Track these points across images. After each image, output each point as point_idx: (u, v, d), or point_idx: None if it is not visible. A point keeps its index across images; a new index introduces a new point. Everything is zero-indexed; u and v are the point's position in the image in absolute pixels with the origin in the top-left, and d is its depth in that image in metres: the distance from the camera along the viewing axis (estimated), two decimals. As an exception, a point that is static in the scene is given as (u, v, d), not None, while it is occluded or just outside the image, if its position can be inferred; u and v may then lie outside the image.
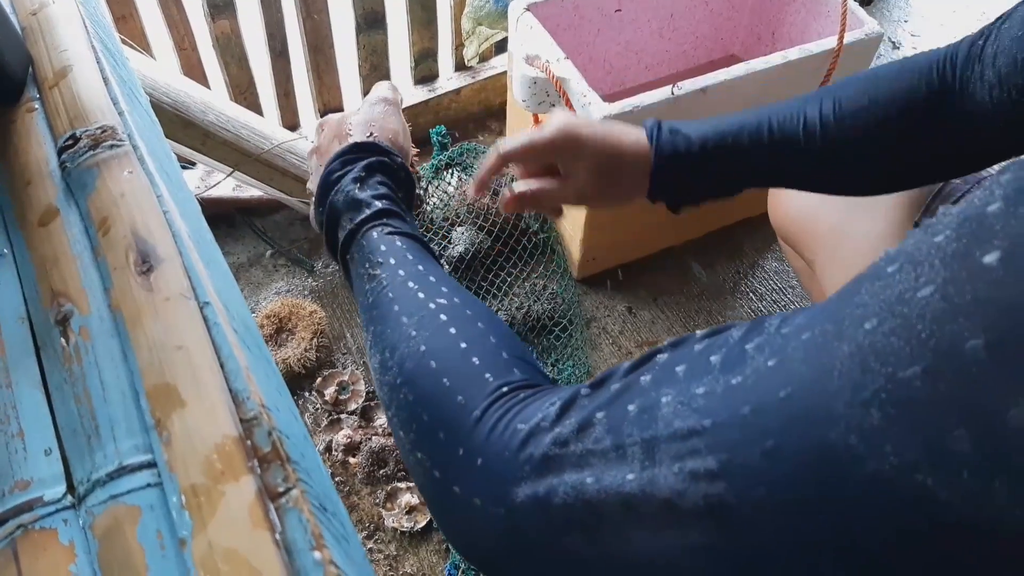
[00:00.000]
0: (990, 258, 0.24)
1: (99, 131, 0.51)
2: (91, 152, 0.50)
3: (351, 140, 0.63)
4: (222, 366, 0.40)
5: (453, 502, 0.42)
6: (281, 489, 0.35)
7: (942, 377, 0.24)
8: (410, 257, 0.53)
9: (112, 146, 0.50)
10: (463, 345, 0.45)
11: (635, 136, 0.69)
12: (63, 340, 0.42)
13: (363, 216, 0.56)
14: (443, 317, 0.48)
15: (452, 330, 0.46)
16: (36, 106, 0.55)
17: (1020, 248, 0.24)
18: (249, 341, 0.46)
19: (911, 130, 0.66)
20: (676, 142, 0.68)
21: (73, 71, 0.56)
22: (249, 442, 0.37)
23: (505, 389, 0.42)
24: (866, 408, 0.26)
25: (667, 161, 0.68)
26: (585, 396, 0.37)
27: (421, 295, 0.50)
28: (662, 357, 0.36)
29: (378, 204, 0.57)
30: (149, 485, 0.36)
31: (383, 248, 0.54)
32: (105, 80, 0.56)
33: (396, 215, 0.57)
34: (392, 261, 0.53)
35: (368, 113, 0.66)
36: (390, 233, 0.55)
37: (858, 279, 0.29)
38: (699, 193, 0.72)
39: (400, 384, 0.46)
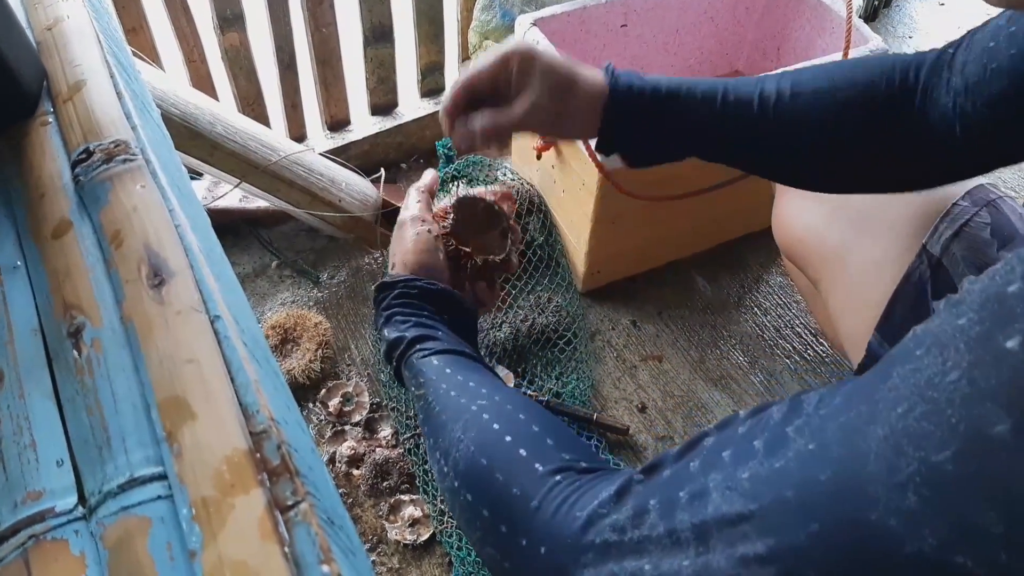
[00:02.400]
0: (1012, 343, 0.25)
1: (112, 145, 0.52)
2: (104, 166, 0.50)
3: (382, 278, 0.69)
4: (232, 380, 0.40)
5: (518, 553, 0.43)
6: (290, 502, 0.36)
7: (972, 460, 0.25)
8: (448, 371, 0.57)
9: (125, 160, 0.51)
10: (508, 439, 0.48)
11: (591, 70, 0.69)
12: (75, 352, 0.43)
13: (399, 352, 0.62)
14: (485, 416, 0.51)
15: (496, 426, 0.49)
16: (50, 120, 0.56)
17: None
18: (258, 355, 0.46)
19: (865, 123, 0.65)
20: (631, 81, 0.68)
21: (87, 85, 0.57)
22: (259, 455, 0.37)
23: (559, 478, 0.44)
24: (903, 491, 0.27)
25: (620, 95, 0.67)
26: (639, 483, 0.39)
27: (463, 400, 0.53)
28: (709, 441, 0.38)
29: (407, 336, 0.62)
30: (160, 497, 0.37)
31: (423, 370, 0.59)
32: (118, 94, 0.57)
33: (428, 338, 0.62)
34: (433, 378, 0.57)
35: (399, 242, 0.71)
36: (425, 356, 0.60)
37: (890, 360, 0.30)
38: (647, 144, 0.71)
39: (458, 488, 0.49)
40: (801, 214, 0.93)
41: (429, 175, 0.79)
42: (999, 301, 0.27)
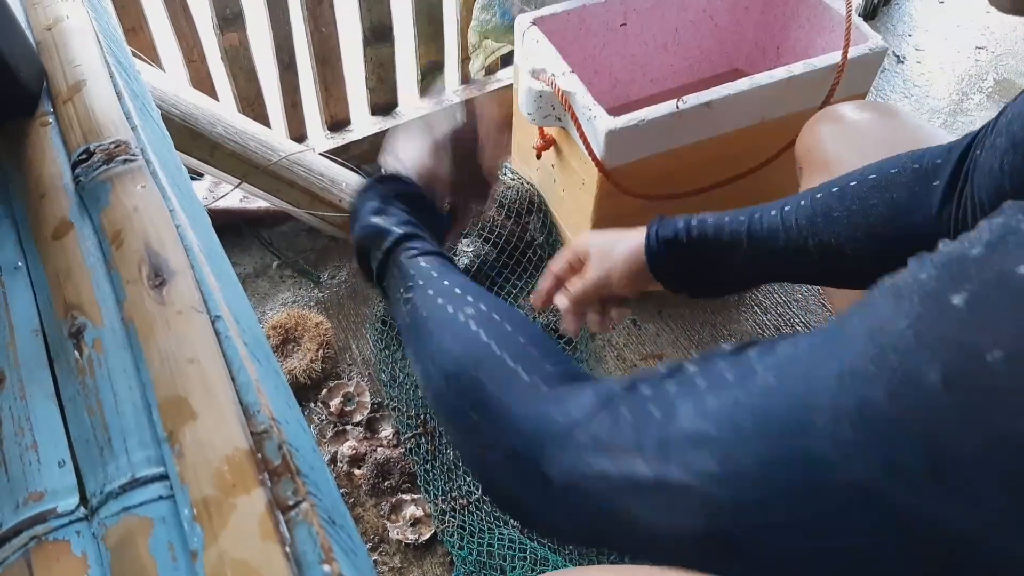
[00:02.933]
0: (957, 299, 0.27)
1: (112, 146, 0.52)
2: (105, 166, 0.50)
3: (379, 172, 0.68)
4: (233, 379, 0.40)
5: (496, 450, 0.47)
6: (291, 502, 0.36)
7: (904, 404, 0.27)
8: (435, 275, 0.57)
9: (125, 160, 0.51)
10: (495, 349, 0.50)
11: (631, 233, 0.79)
12: (76, 352, 0.43)
13: (388, 244, 0.60)
14: (473, 326, 0.52)
15: (484, 337, 0.51)
16: (50, 120, 0.56)
17: (986, 292, 0.27)
18: (259, 354, 0.46)
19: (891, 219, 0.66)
20: (662, 229, 0.76)
21: (87, 86, 0.57)
22: (260, 455, 0.37)
23: (543, 386, 0.47)
24: (841, 423, 0.29)
25: (658, 240, 0.75)
26: (618, 396, 0.42)
27: (450, 308, 0.54)
28: (690, 368, 0.40)
29: (398, 231, 0.61)
30: (161, 497, 0.37)
31: (411, 272, 0.58)
32: (118, 94, 0.57)
33: (417, 236, 0.61)
34: (421, 282, 0.57)
35: (408, 146, 0.70)
36: (413, 256, 0.59)
37: (856, 305, 0.33)
38: (699, 277, 0.78)
39: (445, 391, 0.51)
40: (834, 140, 0.92)
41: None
42: (959, 262, 0.28)
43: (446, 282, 0.56)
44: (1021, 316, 0.25)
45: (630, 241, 0.77)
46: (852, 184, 0.68)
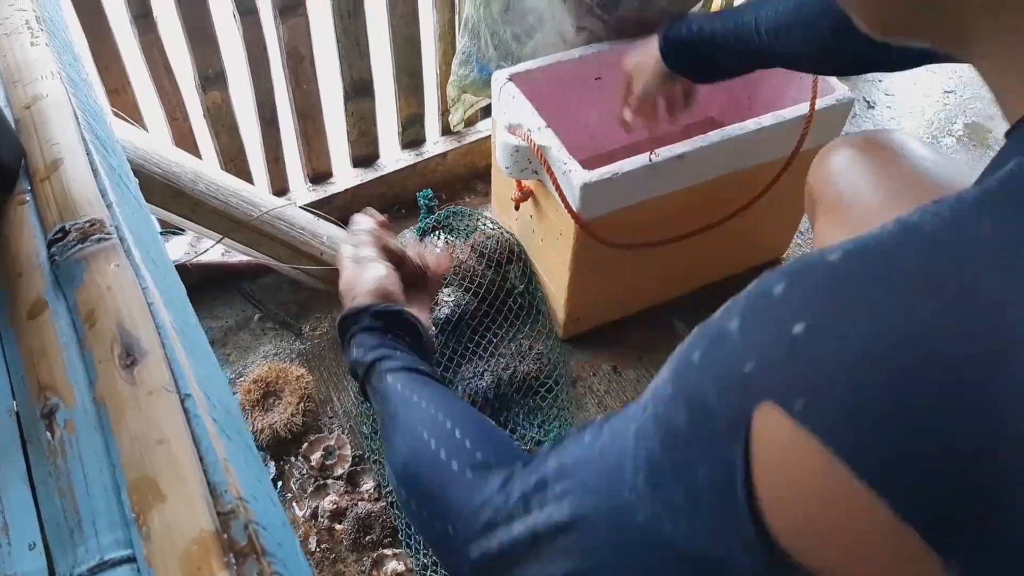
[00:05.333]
0: (695, 356, 0.35)
1: (87, 224, 0.53)
2: (79, 245, 0.52)
3: (344, 309, 0.75)
4: (201, 459, 0.41)
5: (436, 534, 0.54)
6: (256, 583, 0.37)
7: (667, 447, 0.35)
8: (399, 388, 0.65)
9: (100, 239, 0.52)
10: (433, 445, 0.57)
11: (652, 40, 1.15)
12: (48, 434, 0.44)
13: (362, 373, 0.70)
14: (419, 428, 0.60)
15: (425, 436, 0.58)
16: (28, 198, 0.57)
17: (710, 346, 0.35)
18: (230, 429, 0.47)
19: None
20: (671, 31, 1.11)
21: (64, 164, 0.58)
22: (226, 536, 0.38)
23: (470, 474, 0.53)
24: (637, 472, 0.37)
25: (667, 43, 1.11)
26: (518, 472, 0.49)
27: (407, 415, 0.62)
28: (567, 440, 0.47)
29: (368, 357, 0.69)
30: (129, 580, 0.38)
31: (379, 388, 0.67)
32: (94, 171, 0.59)
33: (385, 358, 0.69)
34: (387, 396, 0.66)
35: (351, 275, 0.78)
36: (381, 376, 0.68)
37: (656, 377, 0.41)
38: (698, 64, 1.10)
39: (398, 487, 0.59)
40: (841, 171, 0.94)
41: (369, 222, 0.86)
42: (705, 325, 0.37)
43: (405, 394, 0.64)
44: (724, 363, 0.33)
45: (651, 51, 1.13)
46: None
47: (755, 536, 0.31)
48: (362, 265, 0.78)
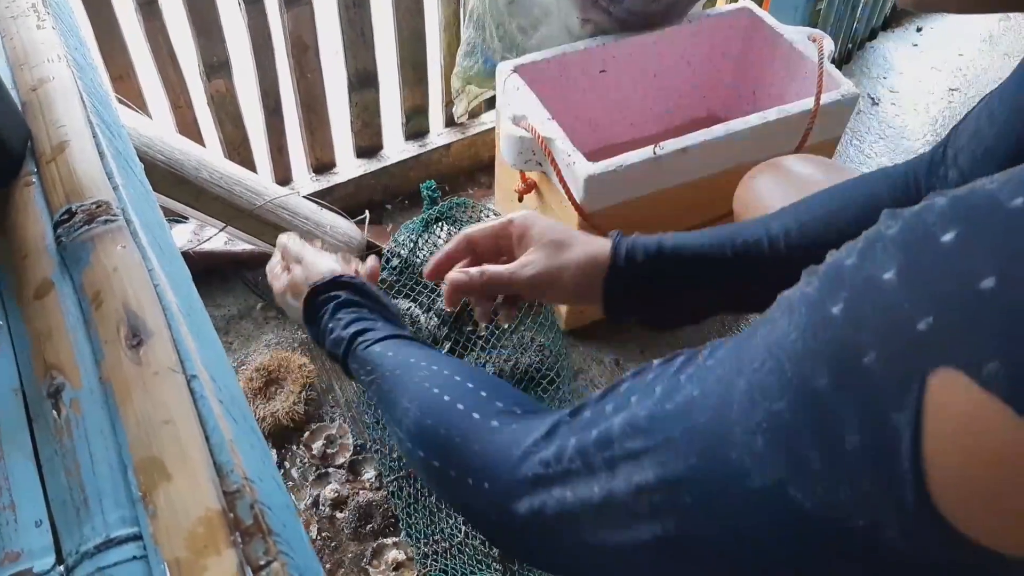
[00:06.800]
0: (836, 309, 0.30)
1: (94, 206, 0.53)
2: (86, 227, 0.52)
3: (304, 292, 0.73)
4: (207, 439, 0.41)
5: (467, 492, 0.50)
6: (262, 562, 0.37)
7: (800, 409, 0.31)
8: (389, 354, 0.62)
9: (106, 221, 0.52)
10: (447, 398, 0.54)
11: (596, 239, 0.68)
12: (55, 413, 0.44)
13: (344, 346, 0.67)
14: (426, 385, 0.56)
15: (436, 391, 0.55)
16: (34, 180, 0.57)
17: (858, 299, 0.29)
18: (235, 412, 0.47)
19: None
20: (635, 241, 0.67)
21: (70, 146, 0.58)
22: (232, 515, 0.38)
23: (495, 423, 0.50)
24: (754, 434, 0.33)
25: (624, 251, 0.66)
26: (565, 423, 0.45)
27: (405, 376, 0.59)
28: (623, 386, 0.43)
29: (349, 331, 0.67)
30: (135, 558, 0.38)
31: (368, 359, 0.64)
32: (101, 154, 0.59)
33: (367, 330, 0.67)
34: (378, 363, 0.63)
35: (305, 270, 0.76)
36: (367, 346, 0.65)
37: (759, 319, 0.36)
38: (660, 307, 0.69)
39: (412, 448, 0.55)
40: (762, 188, 0.97)
41: (369, 265, 0.80)
42: (837, 271, 0.31)
43: (399, 357, 0.61)
44: (886, 319, 0.28)
45: (591, 246, 0.67)
46: (831, 190, 0.70)
47: (914, 505, 0.28)
48: (308, 261, 0.76)
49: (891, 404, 0.28)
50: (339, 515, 1.19)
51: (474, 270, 0.68)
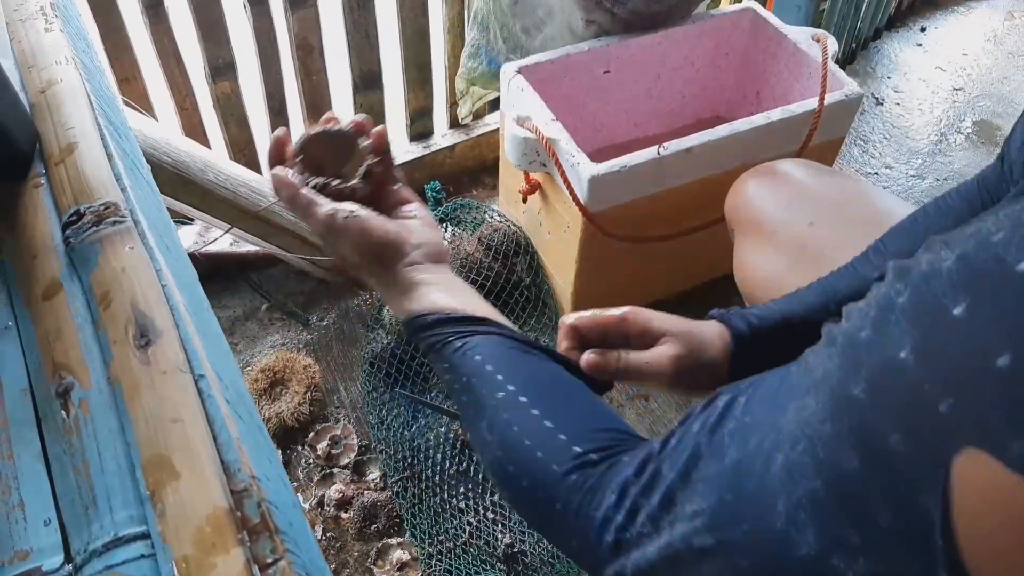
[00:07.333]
0: (858, 391, 0.31)
1: (102, 207, 0.54)
2: (94, 228, 0.52)
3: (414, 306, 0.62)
4: (215, 438, 0.42)
5: (557, 538, 0.52)
6: (269, 560, 0.37)
7: (834, 488, 0.32)
8: (466, 353, 0.57)
9: (114, 222, 0.53)
10: (527, 442, 0.52)
11: (702, 323, 0.69)
12: (64, 412, 0.44)
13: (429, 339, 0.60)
14: (505, 416, 0.54)
15: (515, 428, 0.53)
16: (43, 182, 0.58)
17: (877, 379, 0.31)
18: (241, 411, 0.48)
19: None
20: (748, 320, 0.69)
21: (79, 148, 0.59)
22: (239, 513, 0.39)
23: (574, 478, 0.49)
24: (796, 508, 0.34)
25: (743, 338, 0.68)
26: (632, 485, 0.46)
27: (483, 391, 0.55)
28: (673, 440, 0.44)
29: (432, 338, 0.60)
30: (143, 556, 0.38)
31: (444, 358, 0.58)
32: (109, 156, 0.59)
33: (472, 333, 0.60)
34: (457, 364, 0.57)
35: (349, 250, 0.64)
36: (459, 350, 0.58)
37: (788, 391, 0.37)
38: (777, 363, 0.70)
39: (498, 484, 0.55)
40: (765, 263, 0.95)
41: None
42: (854, 346, 0.33)
43: (472, 358, 0.57)
44: (907, 402, 0.29)
45: (712, 337, 0.68)
46: (915, 226, 0.71)
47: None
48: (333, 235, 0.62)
49: (919, 486, 0.29)
50: (344, 515, 1.19)
51: (611, 354, 0.67)
